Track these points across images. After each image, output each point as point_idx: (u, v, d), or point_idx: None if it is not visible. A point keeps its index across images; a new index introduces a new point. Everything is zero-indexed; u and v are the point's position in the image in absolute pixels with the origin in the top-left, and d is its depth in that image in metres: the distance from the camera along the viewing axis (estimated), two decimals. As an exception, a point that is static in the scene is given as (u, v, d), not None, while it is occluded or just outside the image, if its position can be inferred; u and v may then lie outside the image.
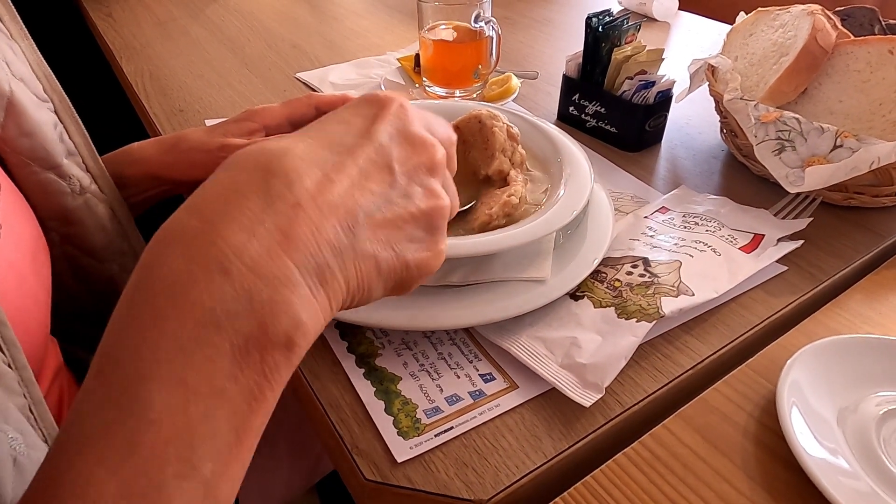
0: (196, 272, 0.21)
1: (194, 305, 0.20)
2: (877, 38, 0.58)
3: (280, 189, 0.23)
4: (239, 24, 1.06)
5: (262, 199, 0.22)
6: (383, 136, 0.28)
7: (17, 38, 0.50)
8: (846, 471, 0.35)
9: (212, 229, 0.21)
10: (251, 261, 0.21)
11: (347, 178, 0.26)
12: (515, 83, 0.80)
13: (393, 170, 0.28)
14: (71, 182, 0.51)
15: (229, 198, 0.22)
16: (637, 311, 0.44)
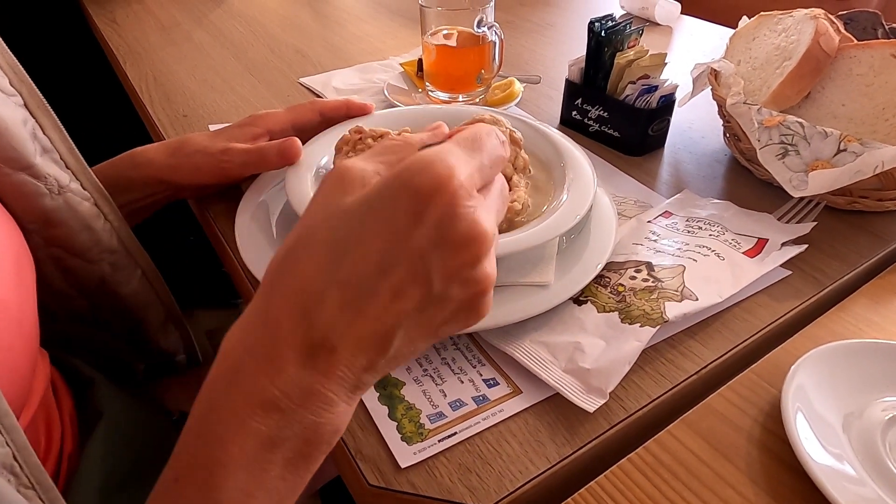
0: (256, 409, 0.25)
1: (255, 434, 0.25)
2: (880, 42, 0.58)
3: (317, 341, 0.26)
4: (242, 29, 1.07)
5: (301, 353, 0.26)
6: (423, 244, 0.25)
7: None
8: (852, 477, 0.35)
9: (264, 374, 0.26)
10: (298, 398, 0.26)
11: (379, 306, 0.26)
12: (518, 88, 0.81)
13: (430, 282, 0.26)
14: (48, 182, 0.48)
15: (275, 344, 0.26)
16: (641, 316, 0.44)
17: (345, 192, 0.27)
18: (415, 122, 0.59)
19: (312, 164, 0.54)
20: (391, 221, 0.25)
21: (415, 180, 0.25)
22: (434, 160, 0.26)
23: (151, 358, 0.65)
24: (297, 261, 0.26)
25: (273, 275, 0.27)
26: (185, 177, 0.57)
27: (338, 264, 0.26)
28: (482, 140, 0.29)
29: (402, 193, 0.25)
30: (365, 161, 0.29)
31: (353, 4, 1.21)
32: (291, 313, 0.26)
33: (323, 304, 0.25)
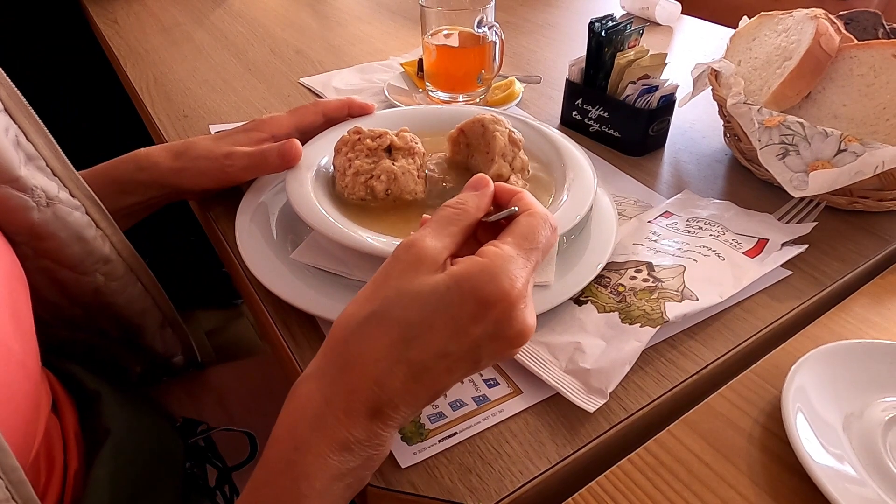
0: (334, 450, 0.31)
1: (332, 469, 0.31)
2: (880, 43, 0.58)
3: (385, 402, 0.31)
4: (243, 29, 1.07)
5: (372, 409, 0.31)
6: (480, 337, 0.31)
7: None
8: (852, 477, 0.35)
9: (342, 424, 0.31)
10: (365, 441, 0.32)
11: (436, 379, 0.32)
12: (518, 88, 0.81)
13: (479, 362, 0.33)
14: (34, 195, 0.45)
15: (352, 402, 0.31)
16: (641, 316, 0.44)
17: (418, 272, 0.32)
18: (415, 123, 0.59)
19: (312, 165, 0.54)
20: (457, 319, 0.31)
21: (483, 290, 0.31)
22: (500, 274, 0.31)
23: (148, 361, 0.65)
24: (372, 336, 0.31)
25: (350, 337, 0.32)
26: (189, 180, 0.57)
27: (407, 345, 0.31)
28: (538, 239, 0.34)
29: (470, 298, 0.31)
30: (434, 237, 0.34)
31: (353, 5, 1.21)
32: (367, 380, 0.31)
33: (392, 377, 0.31)
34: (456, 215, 0.35)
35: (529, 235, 0.34)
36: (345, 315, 0.33)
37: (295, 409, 0.32)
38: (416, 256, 0.33)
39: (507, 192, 0.38)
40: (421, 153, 0.53)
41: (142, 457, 0.49)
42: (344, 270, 0.48)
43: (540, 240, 0.34)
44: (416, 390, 0.32)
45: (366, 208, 0.51)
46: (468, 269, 0.31)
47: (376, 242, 0.45)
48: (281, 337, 0.46)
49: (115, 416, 0.49)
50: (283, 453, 0.31)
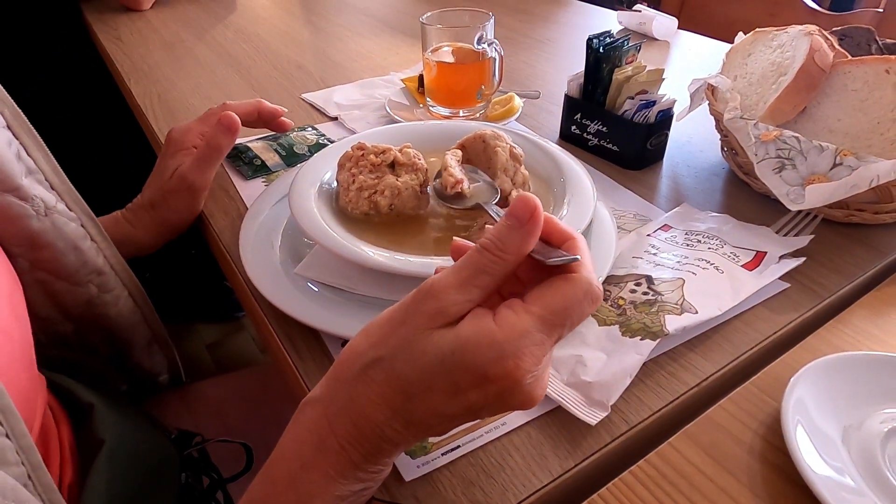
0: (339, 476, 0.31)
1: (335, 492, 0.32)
2: (873, 58, 0.59)
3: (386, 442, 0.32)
4: (245, 45, 1.08)
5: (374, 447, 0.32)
6: (480, 401, 0.30)
7: None
8: (852, 489, 0.35)
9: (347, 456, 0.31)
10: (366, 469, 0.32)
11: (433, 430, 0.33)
12: (518, 103, 0.82)
13: (477, 416, 0.32)
14: (34, 203, 0.48)
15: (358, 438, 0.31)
16: (641, 329, 0.45)
17: (430, 327, 0.30)
18: (416, 138, 0.59)
19: (316, 180, 0.54)
20: (456, 385, 0.29)
21: (485, 366, 0.29)
22: (507, 354, 0.29)
23: (134, 379, 0.66)
24: (375, 382, 0.31)
25: (356, 376, 0.31)
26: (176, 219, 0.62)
27: (407, 399, 0.30)
28: (570, 316, 0.30)
29: (472, 369, 0.29)
30: (460, 290, 0.30)
31: (354, 21, 1.22)
32: (368, 421, 0.31)
33: (392, 423, 0.31)
34: (492, 264, 0.30)
35: (561, 310, 0.30)
36: (354, 348, 0.32)
37: (302, 429, 0.32)
38: (435, 310, 0.30)
39: (560, 233, 0.32)
40: (424, 169, 0.53)
41: (137, 467, 0.50)
42: (347, 285, 0.49)
43: (572, 318, 0.30)
44: (415, 434, 0.32)
45: (369, 223, 0.52)
46: (475, 339, 0.29)
47: (379, 257, 0.45)
48: (285, 351, 0.47)
49: (108, 427, 0.50)
50: (290, 471, 0.32)
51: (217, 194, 0.66)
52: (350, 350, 0.32)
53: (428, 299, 0.30)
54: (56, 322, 0.55)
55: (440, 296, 0.30)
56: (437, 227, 0.52)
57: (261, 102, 0.67)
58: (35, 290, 0.51)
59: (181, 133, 0.63)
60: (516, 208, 0.31)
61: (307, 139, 0.76)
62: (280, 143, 0.74)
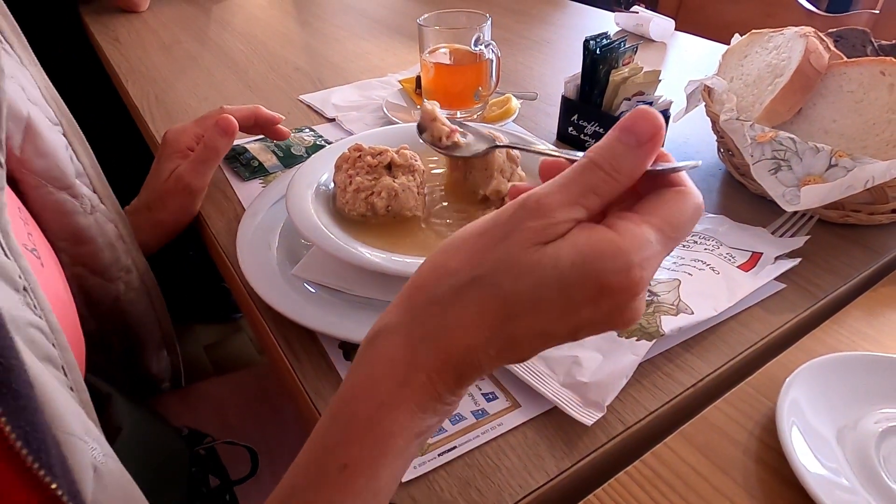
0: (419, 411, 0.29)
1: (414, 429, 0.29)
2: (869, 60, 0.59)
3: (475, 369, 0.29)
4: (243, 47, 1.08)
5: (460, 376, 0.29)
6: (588, 319, 0.28)
7: (27, 65, 0.52)
8: (847, 489, 0.35)
9: (428, 389, 0.29)
10: (448, 402, 0.30)
11: (530, 352, 0.29)
12: (515, 104, 0.82)
13: (575, 338, 0.29)
14: (83, 201, 0.53)
15: (443, 368, 0.29)
16: (637, 330, 0.45)
17: (538, 241, 0.27)
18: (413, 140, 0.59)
19: (313, 182, 0.55)
20: (570, 300, 0.27)
21: (609, 277, 0.26)
22: (633, 263, 0.26)
23: (139, 380, 0.67)
24: (473, 303, 0.28)
25: (448, 300, 0.28)
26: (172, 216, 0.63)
27: (511, 321, 0.28)
28: (685, 230, 0.29)
29: (592, 282, 0.27)
30: (569, 207, 0.27)
31: (352, 22, 1.23)
32: (461, 347, 0.28)
33: (488, 347, 0.28)
34: (603, 184, 0.27)
35: (678, 224, 0.28)
36: (440, 268, 0.29)
37: (378, 363, 0.30)
38: (542, 226, 0.27)
39: (663, 155, 0.30)
40: (421, 170, 0.54)
41: (150, 456, 0.51)
42: (344, 286, 0.49)
43: (684, 232, 0.28)
44: (506, 358, 0.29)
45: (366, 224, 0.52)
46: (599, 248, 0.27)
47: (376, 258, 0.45)
48: (281, 351, 0.47)
49: (125, 415, 0.51)
50: (367, 411, 0.29)
51: (214, 195, 0.66)
52: (435, 270, 0.29)
53: (535, 215, 0.27)
54: (84, 319, 0.57)
55: (549, 213, 0.27)
56: (434, 228, 0.53)
57: (258, 108, 0.68)
58: (71, 285, 0.54)
59: (176, 135, 0.64)
60: (637, 125, 0.28)
61: (304, 140, 0.76)
62: (277, 144, 0.74)
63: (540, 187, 0.28)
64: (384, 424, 0.29)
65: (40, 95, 0.51)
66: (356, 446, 0.29)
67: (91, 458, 0.29)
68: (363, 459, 0.29)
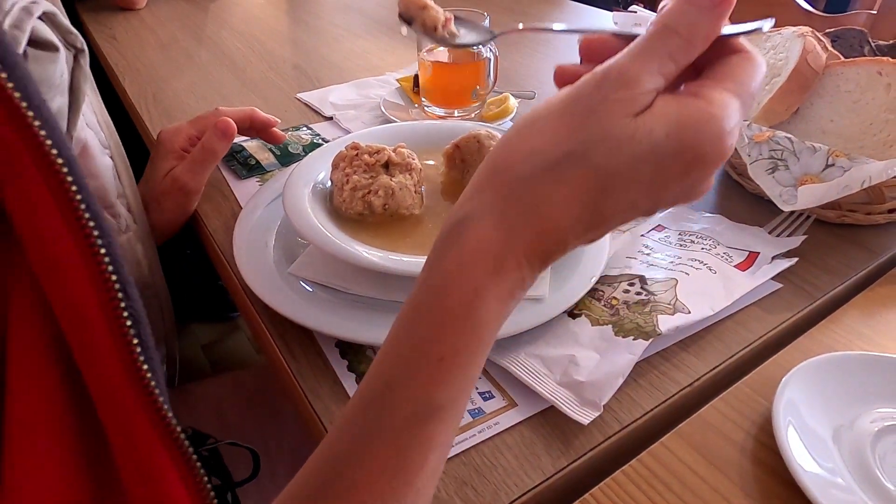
0: (511, 296, 0.29)
1: (504, 314, 0.29)
2: (866, 60, 0.59)
3: (561, 249, 0.29)
4: (241, 45, 1.08)
5: (547, 256, 0.29)
6: (673, 192, 0.28)
7: (88, 92, 0.52)
8: (843, 488, 0.35)
9: (518, 271, 0.29)
10: (532, 280, 0.29)
11: (614, 225, 0.30)
12: (513, 103, 0.82)
13: (657, 207, 0.29)
14: (119, 220, 0.55)
15: (533, 251, 0.29)
16: (634, 329, 0.45)
17: (628, 113, 0.27)
18: (411, 138, 0.59)
19: (310, 180, 0.54)
20: (664, 172, 0.27)
21: (706, 144, 0.27)
22: (726, 129, 0.27)
23: None
24: (567, 180, 0.27)
25: (539, 177, 0.28)
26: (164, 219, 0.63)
27: (603, 195, 0.27)
28: (754, 88, 0.29)
29: (689, 151, 0.27)
30: (652, 75, 0.27)
31: (350, 21, 1.22)
32: (553, 226, 0.28)
33: (578, 224, 0.28)
34: (681, 49, 0.27)
35: (749, 82, 0.28)
36: (525, 147, 0.28)
37: (467, 250, 0.28)
38: (630, 97, 0.27)
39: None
40: (418, 169, 0.54)
41: None
42: (341, 285, 0.49)
43: (756, 90, 0.28)
44: (591, 235, 0.29)
45: (363, 223, 0.52)
46: (693, 118, 0.26)
47: (373, 257, 0.45)
48: (278, 351, 0.47)
49: None
50: (463, 300, 0.28)
51: (211, 194, 0.66)
52: (517, 151, 0.28)
53: (620, 87, 0.27)
54: None
55: (635, 83, 0.27)
56: (431, 226, 0.53)
57: (254, 111, 0.67)
58: None
59: (170, 135, 0.64)
60: None
61: (302, 139, 0.76)
62: (275, 142, 0.74)
63: (617, 58, 0.28)
64: (480, 313, 0.28)
65: (95, 121, 0.54)
66: (453, 337, 0.28)
67: None
68: (462, 350, 0.28)
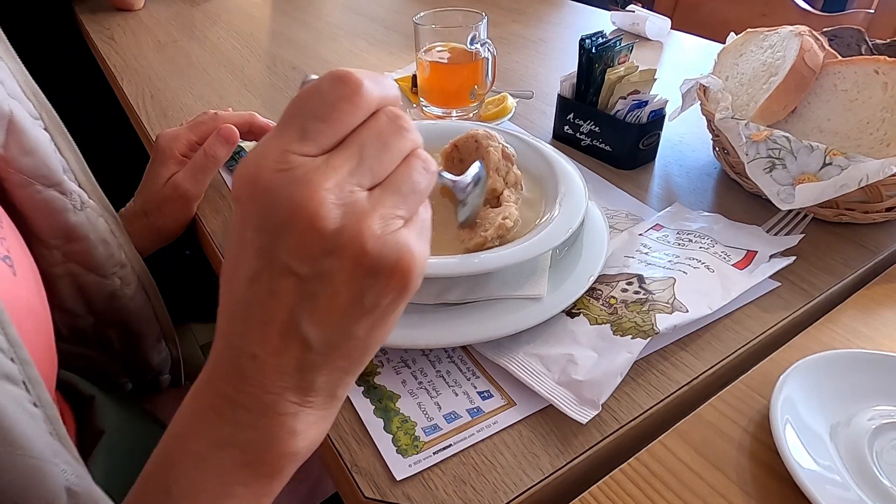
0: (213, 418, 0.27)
1: (217, 439, 0.27)
2: (863, 59, 0.59)
3: (239, 353, 0.26)
4: (239, 45, 1.08)
5: (232, 366, 0.27)
6: (269, 244, 0.24)
7: (5, 59, 0.50)
8: (839, 484, 0.35)
9: (223, 402, 0.27)
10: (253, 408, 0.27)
11: (265, 309, 0.25)
12: (511, 103, 0.82)
13: (295, 272, 0.25)
14: (72, 198, 0.51)
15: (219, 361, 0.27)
16: (632, 328, 0.45)
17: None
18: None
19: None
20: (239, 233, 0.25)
21: (237, 192, 0.25)
22: (244, 163, 0.24)
23: (140, 375, 0.66)
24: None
25: None
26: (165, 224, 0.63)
27: (229, 284, 0.26)
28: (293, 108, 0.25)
29: (236, 202, 0.25)
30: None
31: (348, 21, 1.22)
32: (218, 334, 0.27)
33: (232, 319, 0.26)
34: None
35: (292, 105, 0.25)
36: None
37: None
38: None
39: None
40: (415, 168, 0.53)
41: (135, 457, 0.50)
42: (339, 284, 0.49)
43: (311, 109, 0.25)
44: (255, 332, 0.26)
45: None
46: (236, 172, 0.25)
47: (371, 256, 0.45)
48: (277, 350, 0.47)
49: (108, 418, 0.51)
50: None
51: (209, 194, 0.66)
52: None
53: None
54: (78, 316, 0.56)
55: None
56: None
57: (254, 116, 0.67)
58: (65, 282, 0.53)
59: (169, 141, 0.63)
60: None
61: (300, 139, 0.76)
62: (273, 142, 0.74)
63: None
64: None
65: (20, 90, 0.49)
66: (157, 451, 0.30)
67: (63, 480, 0.28)
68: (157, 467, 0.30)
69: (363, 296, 0.25)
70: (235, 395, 0.26)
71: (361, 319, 0.26)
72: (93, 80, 1.16)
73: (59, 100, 0.55)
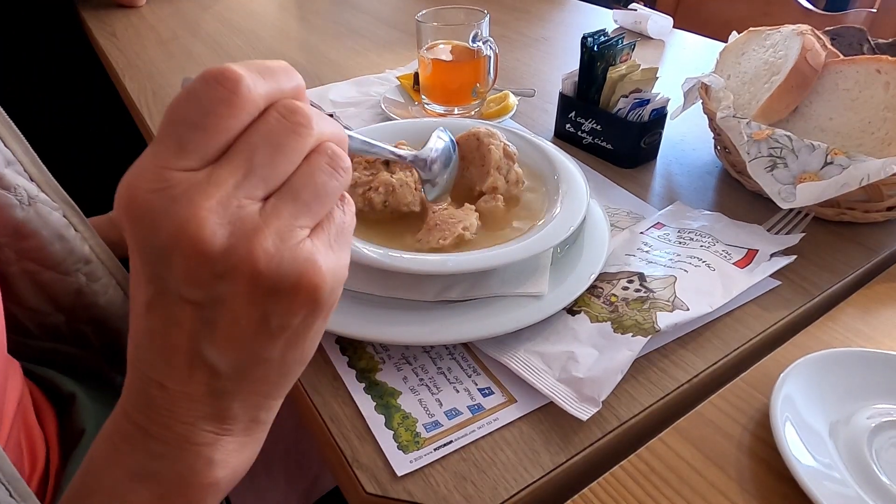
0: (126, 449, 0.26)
1: (132, 471, 0.25)
2: (865, 58, 0.59)
3: (142, 382, 0.26)
4: (241, 42, 1.08)
5: (136, 394, 0.26)
6: (166, 279, 0.22)
7: None
8: (839, 482, 0.35)
9: (136, 431, 0.26)
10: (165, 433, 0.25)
11: (164, 335, 0.24)
12: (513, 101, 0.82)
13: (188, 296, 0.23)
14: (17, 192, 0.47)
15: (131, 388, 0.26)
16: (633, 326, 0.45)
17: None
18: (411, 135, 0.60)
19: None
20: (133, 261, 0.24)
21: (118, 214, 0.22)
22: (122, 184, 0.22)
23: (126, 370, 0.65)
24: None
25: None
26: None
27: (133, 310, 0.25)
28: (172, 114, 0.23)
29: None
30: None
31: (350, 18, 1.22)
32: (128, 361, 0.26)
33: (138, 348, 0.25)
34: None
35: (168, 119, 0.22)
36: None
37: None
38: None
39: None
40: (417, 166, 0.54)
41: None
42: (341, 281, 0.49)
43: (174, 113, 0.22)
44: (157, 355, 0.25)
45: (363, 219, 0.52)
46: None
47: (373, 253, 0.46)
48: (278, 347, 0.47)
49: (90, 416, 0.50)
50: None
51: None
52: None
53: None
54: (47, 314, 0.54)
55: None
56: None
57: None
58: (24, 281, 0.51)
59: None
60: None
61: (302, 136, 0.76)
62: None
63: None
64: None
65: None
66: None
67: None
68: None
69: (268, 318, 0.23)
70: (147, 426, 0.25)
71: (271, 342, 0.24)
72: (94, 79, 1.16)
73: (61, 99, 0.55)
